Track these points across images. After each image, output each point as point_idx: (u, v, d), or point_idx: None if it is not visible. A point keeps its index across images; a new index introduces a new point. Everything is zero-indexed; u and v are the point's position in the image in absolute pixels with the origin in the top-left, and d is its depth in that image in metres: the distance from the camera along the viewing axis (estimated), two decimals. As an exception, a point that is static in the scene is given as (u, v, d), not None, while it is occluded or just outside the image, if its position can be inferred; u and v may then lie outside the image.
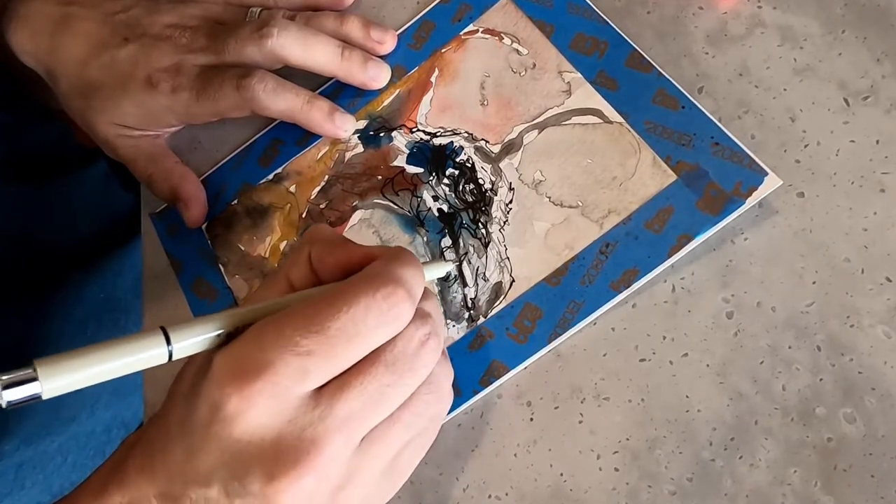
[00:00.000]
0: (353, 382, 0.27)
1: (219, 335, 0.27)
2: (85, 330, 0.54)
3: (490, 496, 0.33)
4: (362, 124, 0.41)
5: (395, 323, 0.27)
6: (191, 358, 0.29)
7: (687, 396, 0.32)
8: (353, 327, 0.26)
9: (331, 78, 0.43)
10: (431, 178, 0.39)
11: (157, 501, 0.27)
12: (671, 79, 0.36)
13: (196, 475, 0.27)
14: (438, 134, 0.40)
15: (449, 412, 0.34)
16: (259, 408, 0.26)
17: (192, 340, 0.27)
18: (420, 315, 0.29)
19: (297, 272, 0.31)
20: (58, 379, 0.24)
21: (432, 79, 0.41)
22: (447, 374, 0.31)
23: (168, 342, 0.26)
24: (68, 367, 0.24)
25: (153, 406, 0.40)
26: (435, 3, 0.42)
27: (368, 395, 0.27)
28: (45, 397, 0.24)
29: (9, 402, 0.23)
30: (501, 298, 0.35)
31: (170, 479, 0.27)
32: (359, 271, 0.29)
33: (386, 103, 0.41)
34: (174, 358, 0.26)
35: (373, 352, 0.27)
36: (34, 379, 0.24)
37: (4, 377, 0.23)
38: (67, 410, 0.54)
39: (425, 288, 0.30)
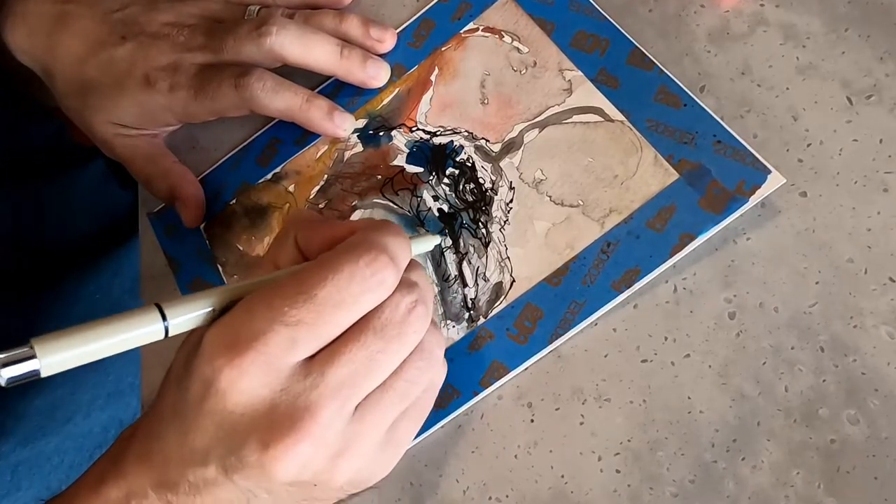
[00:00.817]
0: (342, 350, 0.27)
1: (212, 311, 0.28)
2: None
3: (490, 498, 0.33)
4: (361, 123, 0.41)
5: (379, 289, 0.28)
6: (182, 343, 0.29)
7: (689, 398, 0.32)
8: (337, 294, 0.27)
9: (330, 77, 0.43)
10: (431, 177, 0.39)
11: (153, 492, 0.28)
12: (673, 76, 0.36)
13: (192, 456, 0.27)
14: (438, 133, 0.40)
15: (449, 413, 0.34)
16: (251, 378, 0.26)
17: (188, 316, 0.27)
18: (406, 283, 0.29)
19: (284, 256, 0.31)
20: (55, 355, 0.25)
21: (432, 77, 0.41)
22: (438, 343, 0.31)
23: (164, 318, 0.27)
24: (65, 344, 0.25)
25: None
26: (434, 1, 0.42)
27: (359, 361, 0.27)
28: (43, 374, 0.24)
29: (8, 378, 0.24)
30: (502, 299, 0.35)
31: (166, 465, 0.27)
32: None
33: (385, 102, 0.41)
34: (170, 334, 0.27)
35: (361, 319, 0.28)
36: (32, 356, 0.24)
37: (2, 355, 0.24)
38: (63, 411, 0.54)
39: (413, 260, 0.30)
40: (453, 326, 0.36)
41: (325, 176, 0.41)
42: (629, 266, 0.33)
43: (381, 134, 0.41)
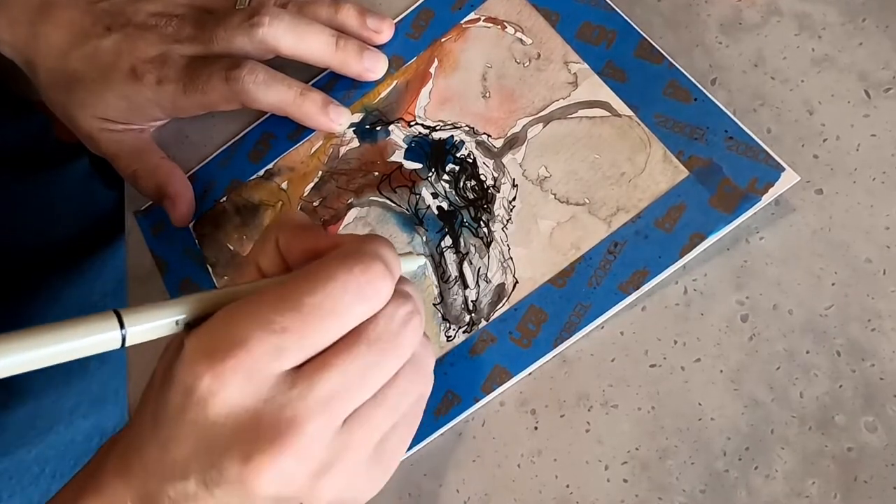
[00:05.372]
0: (333, 361, 0.27)
1: (177, 321, 0.27)
2: None
3: (492, 509, 0.33)
4: (358, 118, 0.42)
5: (374, 299, 0.28)
6: (164, 351, 0.29)
7: (699, 404, 0.32)
8: (329, 303, 0.27)
9: (324, 69, 0.43)
10: (431, 174, 0.39)
11: None
12: (683, 70, 0.36)
13: (172, 469, 0.27)
14: (438, 128, 0.40)
15: (449, 420, 0.35)
16: (233, 386, 0.26)
17: (149, 327, 0.27)
18: (400, 294, 0.29)
19: (266, 259, 0.31)
20: None
21: (431, 70, 0.41)
22: (430, 355, 0.31)
23: (121, 325, 0.26)
24: (4, 350, 0.24)
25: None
26: (434, -10, 0.43)
27: (350, 373, 0.27)
28: None
29: None
30: (504, 301, 0.36)
31: (146, 479, 0.27)
32: None
33: (383, 96, 0.42)
34: (127, 343, 0.26)
35: (353, 330, 0.28)
36: None
37: None
38: (44, 420, 0.54)
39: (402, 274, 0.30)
40: (453, 329, 0.36)
41: (320, 172, 0.41)
42: (637, 267, 0.34)
43: (378, 129, 0.41)
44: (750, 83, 0.36)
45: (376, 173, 0.40)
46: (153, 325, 0.27)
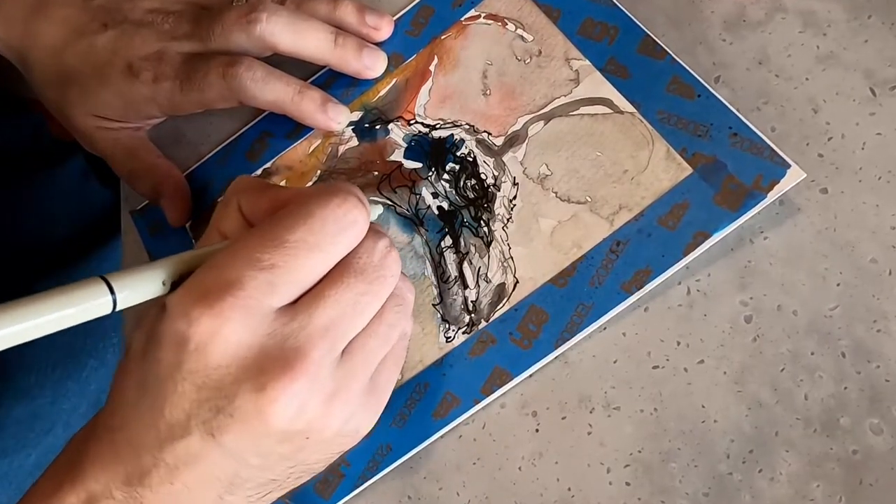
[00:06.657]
0: (326, 293, 0.28)
1: (164, 282, 0.28)
2: (54, 339, 0.54)
3: (492, 512, 0.33)
4: (357, 116, 0.42)
5: (352, 229, 0.29)
6: (138, 324, 0.29)
7: (703, 406, 0.32)
8: (312, 237, 0.28)
9: (323, 66, 0.43)
10: (430, 173, 0.39)
11: (121, 490, 0.27)
12: (686, 66, 0.36)
13: (169, 431, 0.27)
14: (438, 126, 0.40)
15: (449, 422, 0.34)
16: (234, 323, 0.26)
17: (138, 289, 0.27)
18: (374, 230, 0.30)
19: (229, 224, 0.31)
20: None
21: (431, 67, 0.41)
22: (410, 289, 0.33)
23: (111, 291, 0.26)
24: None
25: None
26: (434, -14, 0.42)
27: (345, 303, 0.28)
28: None
29: None
30: (504, 301, 0.35)
31: (136, 454, 0.27)
32: None
33: (382, 94, 0.42)
34: (118, 307, 0.27)
35: (340, 263, 0.29)
36: None
37: None
38: (43, 422, 0.54)
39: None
40: (453, 330, 0.36)
41: (318, 171, 0.41)
42: (640, 266, 0.34)
43: (377, 127, 0.41)
44: (754, 81, 0.35)
45: (376, 173, 0.40)
46: (141, 286, 0.27)
